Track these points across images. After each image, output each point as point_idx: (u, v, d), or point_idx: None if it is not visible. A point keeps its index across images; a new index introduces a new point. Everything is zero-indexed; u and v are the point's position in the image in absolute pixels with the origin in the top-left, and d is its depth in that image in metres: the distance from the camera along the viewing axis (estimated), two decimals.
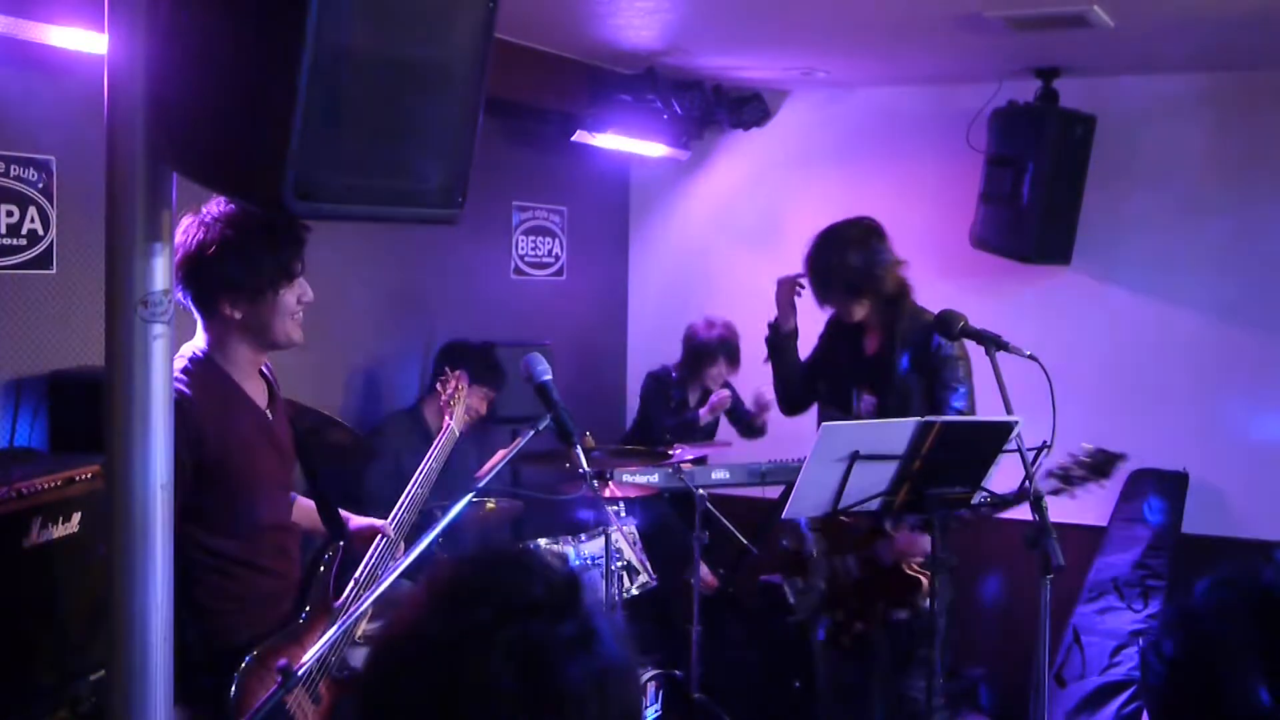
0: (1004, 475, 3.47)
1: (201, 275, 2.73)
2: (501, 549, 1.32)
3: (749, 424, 5.63)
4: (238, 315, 2.76)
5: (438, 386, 4.08)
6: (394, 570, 2.74)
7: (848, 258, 4.04)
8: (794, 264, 6.32)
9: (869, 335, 4.16)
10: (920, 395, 3.96)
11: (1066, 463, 3.72)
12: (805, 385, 4.34)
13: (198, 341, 2.84)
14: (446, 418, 3.80)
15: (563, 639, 1.16)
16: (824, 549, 3.99)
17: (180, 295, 2.74)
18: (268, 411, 2.93)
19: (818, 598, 3.96)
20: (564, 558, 1.15)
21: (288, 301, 2.79)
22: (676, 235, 6.60)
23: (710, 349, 5.53)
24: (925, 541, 3.65)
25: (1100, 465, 3.69)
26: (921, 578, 3.76)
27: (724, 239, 6.46)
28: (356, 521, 3.20)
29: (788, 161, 6.28)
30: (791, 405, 4.46)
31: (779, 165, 6.31)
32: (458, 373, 4.05)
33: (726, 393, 5.54)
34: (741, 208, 6.42)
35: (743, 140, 6.27)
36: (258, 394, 2.92)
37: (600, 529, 4.18)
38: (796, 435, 5.48)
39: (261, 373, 2.98)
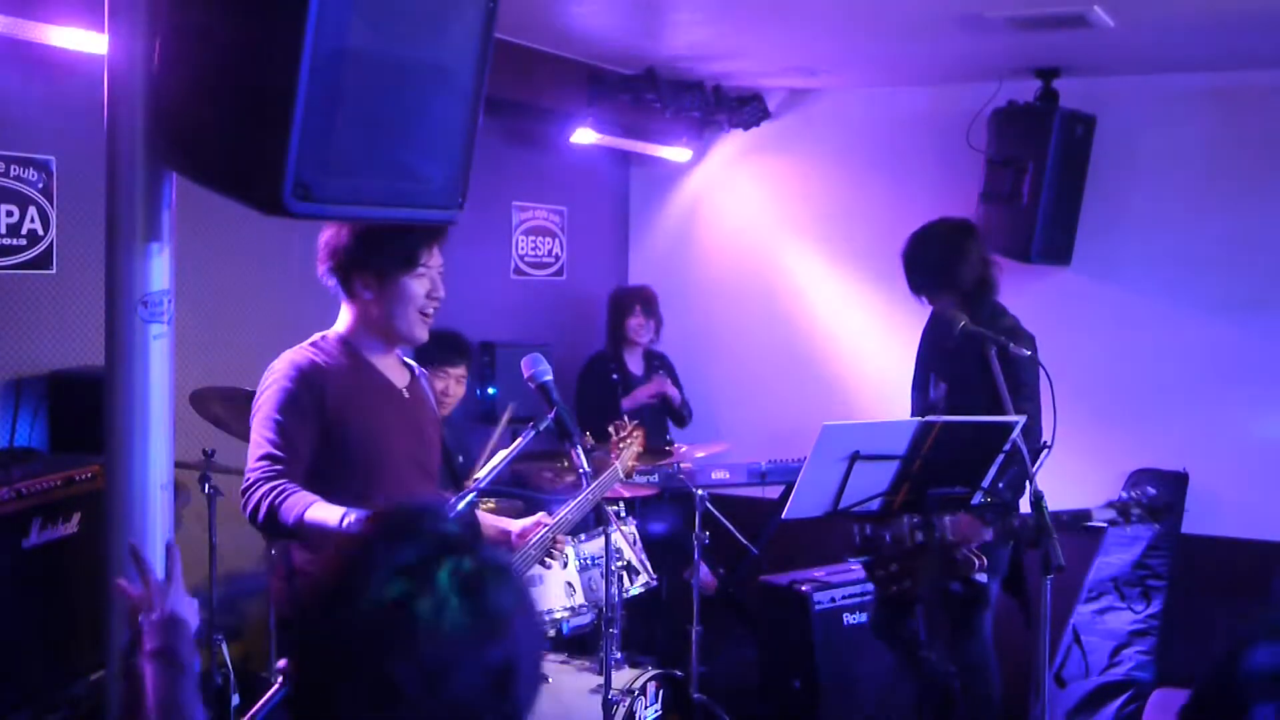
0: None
1: (341, 252, 2.84)
2: (407, 504, 1.41)
3: (677, 414, 5.78)
4: (368, 295, 2.85)
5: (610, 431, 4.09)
6: None
7: (930, 251, 4.26)
8: (791, 263, 6.33)
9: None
10: (984, 392, 3.98)
11: (1127, 499, 3.77)
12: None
13: (336, 326, 2.92)
14: (614, 456, 3.85)
15: (488, 567, 1.30)
16: None
17: (328, 278, 2.89)
18: (405, 391, 2.97)
19: (883, 546, 3.99)
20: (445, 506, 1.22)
21: (413, 291, 2.86)
22: (676, 235, 6.60)
23: (626, 298, 5.66)
24: (983, 532, 3.69)
25: (1156, 511, 3.77)
26: (974, 558, 3.78)
27: (724, 239, 6.45)
28: (493, 526, 3.21)
29: (788, 161, 6.28)
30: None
31: (779, 165, 6.31)
32: (634, 423, 4.04)
33: (654, 388, 5.64)
34: (741, 208, 6.42)
35: (743, 140, 6.27)
36: (395, 375, 2.97)
37: (600, 529, 4.17)
38: (797, 435, 5.49)
39: (405, 363, 3.05)
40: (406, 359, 3.09)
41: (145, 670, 1.83)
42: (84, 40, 3.41)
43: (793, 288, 6.24)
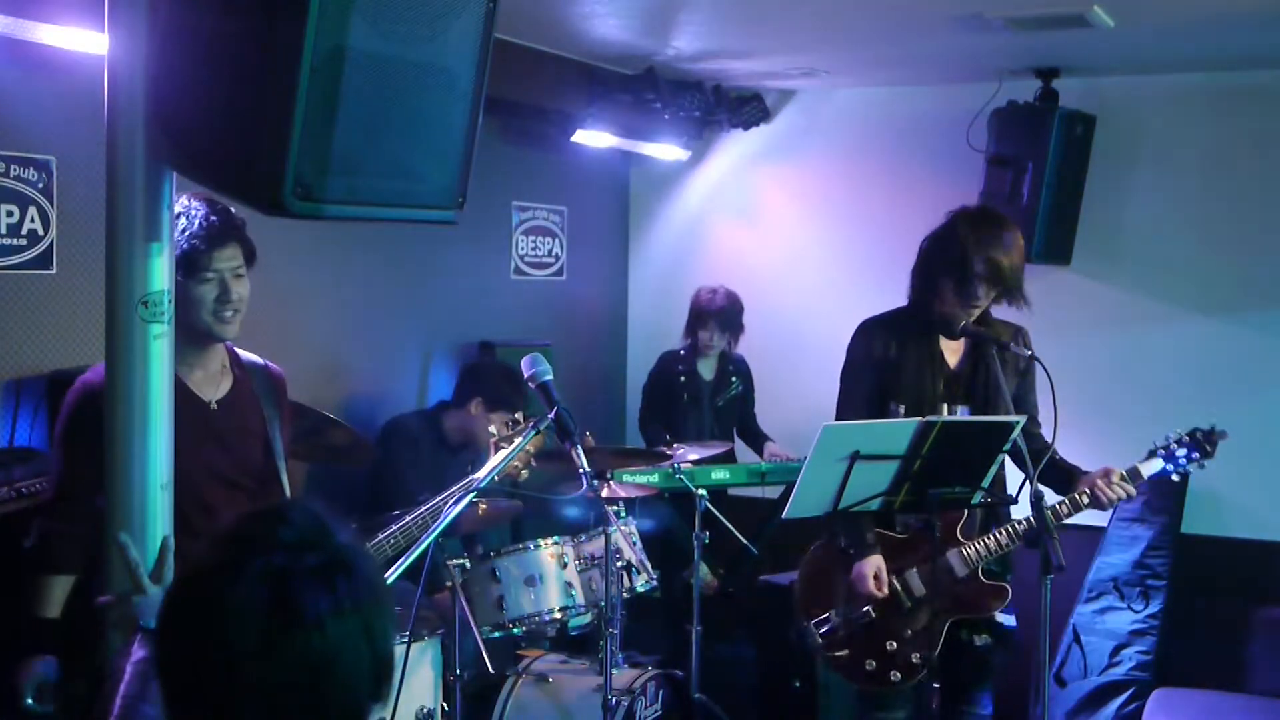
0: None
1: None
2: (268, 505, 1.53)
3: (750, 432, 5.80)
4: None
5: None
6: (392, 573, 2.74)
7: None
8: (791, 263, 6.32)
9: (945, 348, 3.77)
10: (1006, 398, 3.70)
11: (1166, 442, 3.75)
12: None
13: None
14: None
15: (305, 568, 1.39)
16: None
17: None
18: (214, 404, 2.92)
19: (859, 631, 3.65)
20: (318, 510, 1.25)
21: (197, 295, 2.78)
22: (676, 235, 6.60)
23: (704, 314, 5.59)
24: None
25: (1200, 443, 3.72)
26: (1005, 585, 3.62)
27: (724, 239, 6.45)
28: None
29: (788, 162, 6.28)
30: None
31: (779, 165, 6.31)
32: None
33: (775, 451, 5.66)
34: (741, 208, 6.42)
35: (743, 140, 6.27)
36: (206, 388, 2.91)
37: (600, 529, 4.17)
38: (797, 435, 5.49)
39: (241, 367, 2.97)
40: (247, 359, 3.03)
41: (122, 673, 1.82)
42: (84, 40, 3.41)
43: (792, 288, 6.23)
